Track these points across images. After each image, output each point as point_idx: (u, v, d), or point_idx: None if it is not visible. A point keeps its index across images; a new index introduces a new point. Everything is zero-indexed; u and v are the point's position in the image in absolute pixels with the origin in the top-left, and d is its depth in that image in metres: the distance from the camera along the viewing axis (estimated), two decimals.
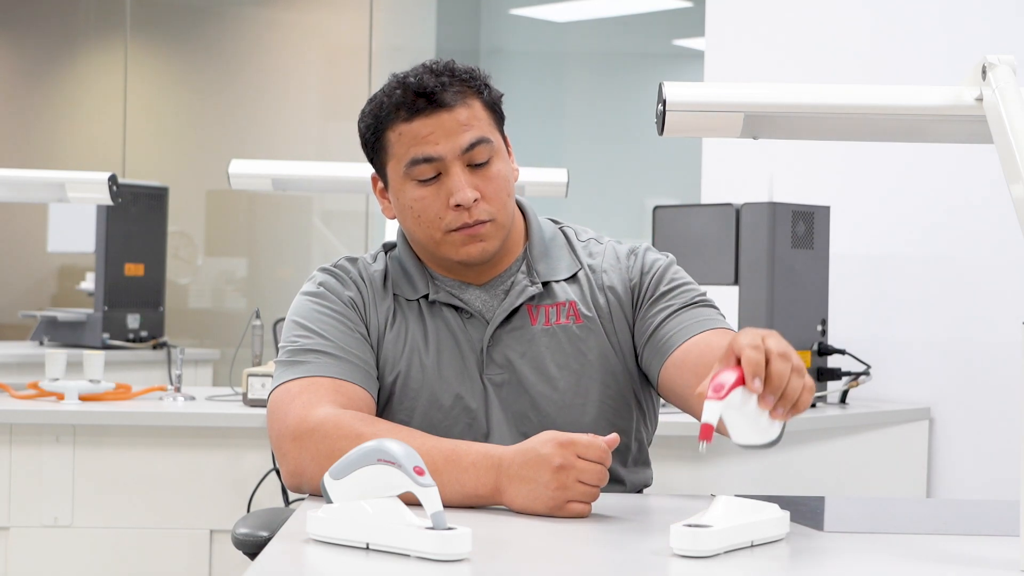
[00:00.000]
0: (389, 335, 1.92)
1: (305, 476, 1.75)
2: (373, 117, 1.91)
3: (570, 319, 1.94)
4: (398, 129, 1.88)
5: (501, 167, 1.91)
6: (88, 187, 3.10)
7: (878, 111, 1.78)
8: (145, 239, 4.91)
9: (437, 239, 1.90)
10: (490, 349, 1.92)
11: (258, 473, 3.01)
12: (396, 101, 1.87)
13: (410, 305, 1.95)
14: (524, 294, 1.94)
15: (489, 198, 1.89)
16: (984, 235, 3.56)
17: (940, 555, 1.48)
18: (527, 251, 1.98)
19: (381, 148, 1.92)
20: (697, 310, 1.92)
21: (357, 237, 6.06)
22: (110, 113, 6.56)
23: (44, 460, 3.11)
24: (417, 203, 1.89)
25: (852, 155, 3.79)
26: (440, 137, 1.86)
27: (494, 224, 1.89)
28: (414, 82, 1.87)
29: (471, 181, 1.87)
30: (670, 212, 3.54)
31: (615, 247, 2.01)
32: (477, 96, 1.90)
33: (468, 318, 1.93)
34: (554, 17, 6.19)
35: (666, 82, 1.77)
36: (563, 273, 1.97)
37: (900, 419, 3.58)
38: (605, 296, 1.96)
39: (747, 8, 4.07)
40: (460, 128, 1.87)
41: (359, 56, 6.14)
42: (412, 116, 1.87)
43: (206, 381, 5.25)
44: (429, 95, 1.86)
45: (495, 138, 1.91)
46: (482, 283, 1.96)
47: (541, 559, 1.46)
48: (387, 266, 2.00)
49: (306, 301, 1.95)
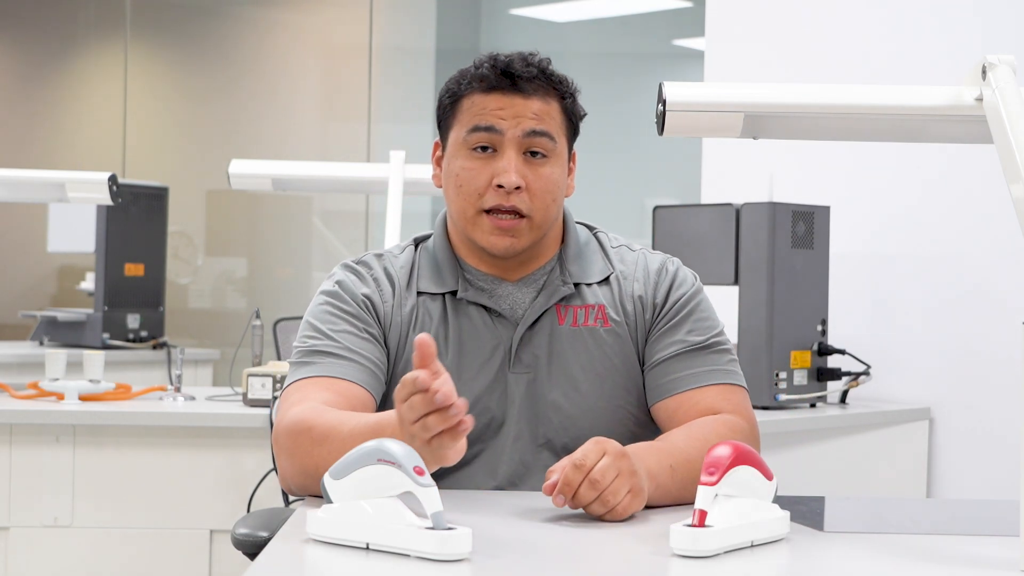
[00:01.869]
0: (412, 335, 1.92)
1: (285, 476, 1.78)
2: (456, 82, 1.94)
3: (598, 322, 1.95)
4: (473, 98, 1.91)
5: (556, 171, 1.92)
6: (88, 187, 3.10)
7: (878, 111, 1.77)
8: (145, 239, 4.91)
9: (470, 216, 1.91)
10: (518, 349, 1.92)
11: (258, 473, 3.01)
12: (481, 73, 1.91)
13: (434, 302, 1.95)
14: (556, 294, 1.94)
15: (533, 193, 1.90)
16: (984, 235, 3.55)
17: (940, 555, 1.48)
18: (562, 252, 1.98)
19: (452, 113, 1.94)
20: (708, 356, 1.93)
21: (357, 237, 6.06)
22: (110, 113, 6.56)
23: (44, 460, 3.11)
24: (463, 172, 1.91)
25: (852, 155, 3.79)
26: (508, 115, 1.89)
27: (529, 222, 1.90)
28: (503, 61, 1.91)
29: (521, 169, 1.89)
30: (670, 212, 3.54)
31: (647, 257, 2.01)
32: (558, 99, 1.93)
33: (496, 316, 1.94)
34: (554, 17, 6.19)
35: (666, 82, 1.77)
36: (595, 276, 1.98)
37: (900, 419, 3.58)
38: (632, 304, 1.97)
39: (747, 8, 4.07)
40: (529, 115, 1.90)
41: (359, 56, 6.14)
42: (490, 90, 1.90)
43: (206, 381, 5.25)
44: (513, 77, 1.89)
45: (560, 142, 1.93)
46: (515, 280, 1.96)
47: (541, 559, 1.46)
48: (415, 259, 1.99)
49: (320, 301, 1.95)
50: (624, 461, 1.62)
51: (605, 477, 1.60)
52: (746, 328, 3.32)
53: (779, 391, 3.32)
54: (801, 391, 3.38)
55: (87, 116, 6.77)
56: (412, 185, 3.52)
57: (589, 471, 1.60)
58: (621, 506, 1.61)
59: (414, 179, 3.48)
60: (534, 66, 1.91)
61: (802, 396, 3.37)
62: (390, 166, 3.46)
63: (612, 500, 1.60)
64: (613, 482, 1.60)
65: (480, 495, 1.84)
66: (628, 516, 1.63)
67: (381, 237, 3.44)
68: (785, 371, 3.34)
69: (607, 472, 1.60)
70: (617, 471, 1.61)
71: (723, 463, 1.45)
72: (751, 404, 1.95)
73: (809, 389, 3.41)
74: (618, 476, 1.61)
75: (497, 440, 1.91)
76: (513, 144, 1.89)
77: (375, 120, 6.04)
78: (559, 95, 1.93)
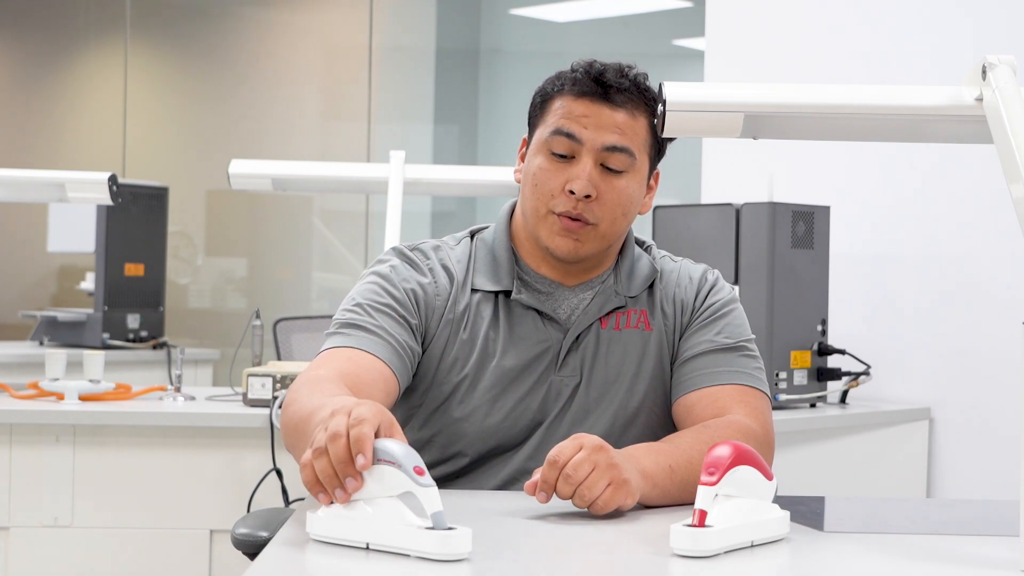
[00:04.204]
0: (463, 335, 1.93)
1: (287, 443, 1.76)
2: (551, 82, 1.96)
3: (639, 326, 1.97)
4: (563, 100, 1.93)
5: (631, 186, 1.93)
6: (88, 187, 3.10)
7: (878, 111, 1.77)
8: (145, 239, 4.91)
9: (541, 214, 1.92)
10: (567, 354, 1.94)
11: (258, 473, 3.00)
12: (576, 77, 1.93)
13: (487, 300, 1.96)
14: (609, 304, 1.96)
15: (604, 205, 1.91)
16: (984, 235, 3.56)
17: (940, 555, 1.48)
18: (618, 263, 2.00)
19: (542, 112, 1.96)
20: (733, 357, 1.94)
21: (357, 237, 6.05)
22: (110, 113, 6.56)
23: (44, 460, 3.11)
24: (540, 172, 1.92)
25: (852, 155, 3.79)
26: (591, 124, 1.90)
27: (596, 231, 1.92)
28: (598, 68, 1.92)
29: (595, 179, 1.90)
30: (670, 212, 3.54)
31: (689, 267, 2.04)
32: (647, 115, 1.93)
33: (547, 319, 1.95)
34: (554, 17, 6.19)
35: (666, 82, 1.77)
36: (641, 287, 2.00)
37: (900, 419, 3.58)
38: (672, 308, 1.99)
39: (747, 8, 4.07)
40: (613, 128, 1.90)
41: (359, 56, 6.14)
42: (580, 95, 1.91)
43: (206, 381, 5.25)
44: (605, 86, 1.90)
45: (640, 158, 1.93)
46: (571, 285, 1.98)
47: (541, 559, 1.46)
48: (471, 252, 2.00)
49: (369, 280, 1.96)
50: (601, 454, 1.61)
51: (578, 471, 1.59)
52: None
53: (779, 391, 3.32)
54: (801, 391, 3.38)
55: (87, 116, 6.77)
56: (412, 185, 3.52)
57: (563, 466, 1.59)
58: (602, 500, 1.60)
59: (414, 179, 3.48)
60: (628, 79, 1.92)
61: (802, 396, 3.38)
62: (390, 166, 3.46)
63: (588, 494, 1.59)
64: (589, 476, 1.59)
65: (480, 495, 1.84)
66: (615, 509, 1.62)
67: (381, 237, 3.44)
68: (785, 371, 3.34)
69: (580, 466, 1.59)
70: (593, 464, 1.60)
71: (723, 463, 1.45)
72: (771, 413, 1.95)
73: (809, 389, 3.41)
74: (594, 469, 1.60)
75: (532, 440, 1.92)
76: (590, 154, 1.90)
77: (375, 120, 6.04)
78: (648, 111, 1.93)
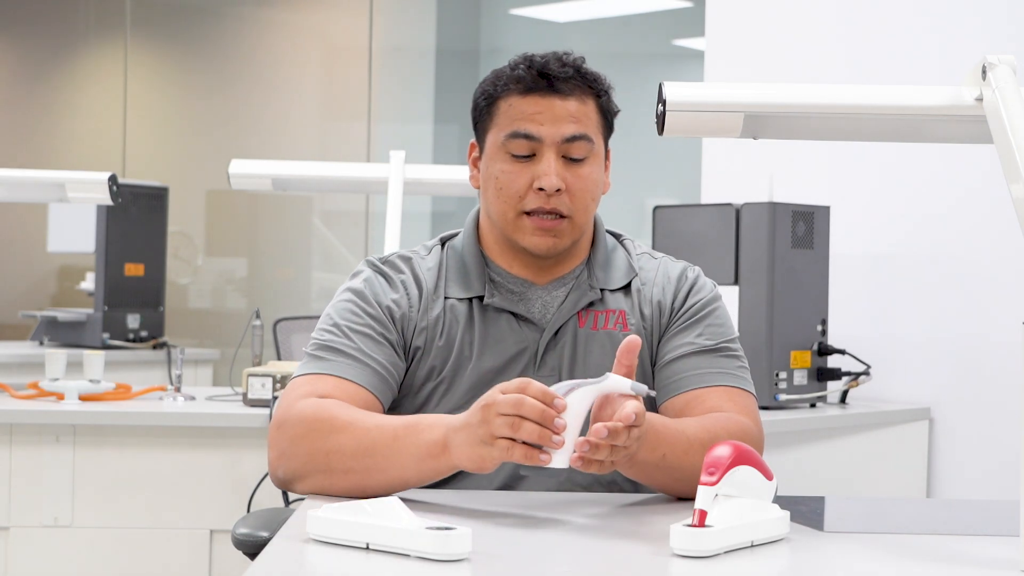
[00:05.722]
0: (438, 343, 1.93)
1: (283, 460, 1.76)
2: (491, 83, 1.94)
3: (617, 327, 1.96)
4: (510, 100, 1.92)
5: (594, 171, 1.94)
6: (88, 187, 3.10)
7: (878, 111, 1.77)
8: (145, 239, 4.91)
9: (510, 218, 1.92)
10: (544, 352, 1.93)
11: (258, 473, 3.01)
12: (517, 75, 1.91)
13: (461, 305, 1.95)
14: (584, 299, 1.96)
15: (573, 195, 1.91)
16: (984, 235, 3.55)
17: (940, 555, 1.48)
18: (591, 257, 2.00)
19: (489, 115, 1.95)
20: (717, 358, 1.94)
21: (357, 237, 6.05)
22: (110, 113, 6.56)
23: (44, 460, 3.11)
24: (503, 176, 1.92)
25: (852, 155, 3.79)
26: (546, 119, 1.90)
27: (570, 223, 1.92)
28: (539, 62, 1.91)
29: (561, 172, 1.90)
30: (670, 212, 3.54)
31: (668, 264, 2.03)
32: (594, 98, 1.94)
33: (523, 320, 1.94)
34: (554, 17, 6.19)
35: (666, 82, 1.77)
36: (619, 282, 1.99)
37: (900, 419, 3.58)
38: (651, 309, 1.98)
39: (747, 8, 4.07)
40: (567, 118, 1.90)
41: (359, 56, 6.14)
42: (527, 92, 1.91)
43: (206, 381, 5.25)
44: (549, 78, 1.90)
45: (597, 141, 1.94)
46: (544, 283, 1.97)
47: (541, 559, 1.46)
48: (442, 261, 2.00)
49: (345, 297, 1.95)
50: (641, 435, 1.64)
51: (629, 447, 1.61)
52: (746, 328, 3.32)
53: (779, 391, 3.32)
54: (801, 391, 3.38)
55: (87, 116, 6.77)
56: (412, 185, 3.52)
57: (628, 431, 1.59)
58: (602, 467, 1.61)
59: (414, 179, 3.48)
60: (570, 66, 1.92)
61: (802, 396, 3.37)
62: (390, 166, 3.46)
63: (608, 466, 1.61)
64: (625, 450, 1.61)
65: (480, 495, 1.84)
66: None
67: (381, 237, 3.44)
68: (785, 371, 3.34)
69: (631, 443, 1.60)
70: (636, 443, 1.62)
71: (723, 463, 1.45)
72: (759, 411, 1.95)
73: (809, 389, 3.41)
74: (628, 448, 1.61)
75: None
76: (552, 148, 1.90)
77: (375, 120, 6.04)
78: (595, 94, 1.94)
